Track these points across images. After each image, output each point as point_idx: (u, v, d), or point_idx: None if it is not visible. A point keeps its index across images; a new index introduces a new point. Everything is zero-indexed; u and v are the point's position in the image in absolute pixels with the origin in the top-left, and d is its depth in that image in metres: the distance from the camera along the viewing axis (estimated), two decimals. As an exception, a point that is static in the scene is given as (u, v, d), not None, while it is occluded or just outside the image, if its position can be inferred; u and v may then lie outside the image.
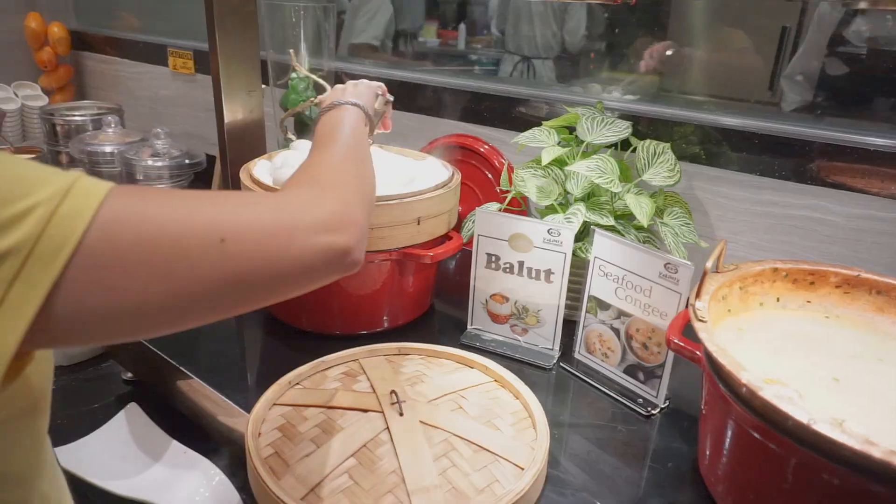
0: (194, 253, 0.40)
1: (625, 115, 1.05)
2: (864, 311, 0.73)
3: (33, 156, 1.48)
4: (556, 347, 0.88)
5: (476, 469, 0.63)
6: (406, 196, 0.84)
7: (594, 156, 0.87)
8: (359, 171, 0.58)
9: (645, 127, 1.05)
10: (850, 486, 0.49)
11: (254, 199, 0.46)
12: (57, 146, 1.72)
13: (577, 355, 0.88)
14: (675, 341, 0.66)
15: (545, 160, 0.88)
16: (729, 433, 0.60)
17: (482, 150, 1.28)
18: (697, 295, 0.65)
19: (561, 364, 0.88)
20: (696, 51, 1.28)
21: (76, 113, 1.75)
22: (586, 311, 0.85)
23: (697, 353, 0.64)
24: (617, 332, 0.82)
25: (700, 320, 0.61)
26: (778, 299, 0.75)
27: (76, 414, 0.96)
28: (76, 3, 2.15)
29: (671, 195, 0.96)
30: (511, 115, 1.23)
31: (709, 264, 0.64)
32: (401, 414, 0.69)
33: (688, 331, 0.66)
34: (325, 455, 0.64)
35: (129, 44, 1.97)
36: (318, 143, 0.64)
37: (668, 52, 1.20)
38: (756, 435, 0.55)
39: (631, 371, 0.81)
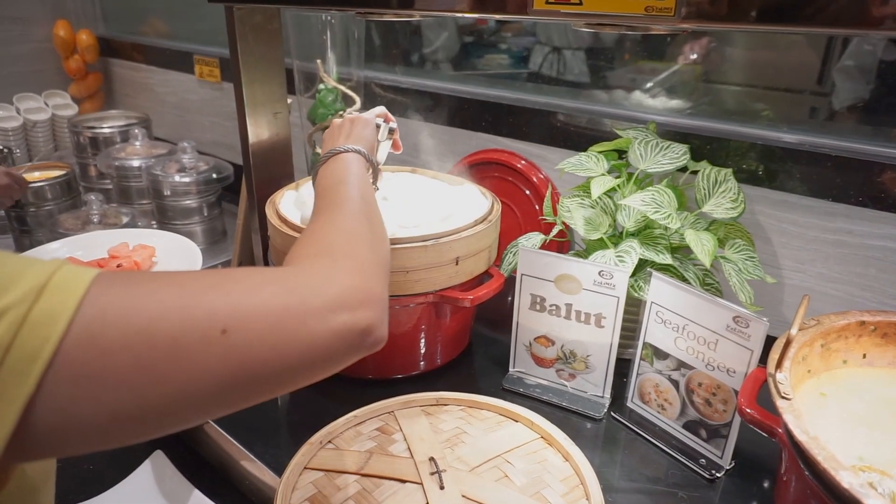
0: (193, 349, 0.35)
1: (677, 132, 0.96)
2: (965, 369, 0.65)
3: (62, 172, 1.45)
4: (607, 395, 0.81)
5: (526, 556, 0.57)
6: (443, 235, 0.77)
7: (649, 188, 0.79)
8: (371, 233, 0.52)
9: (700, 144, 0.96)
10: None
11: (258, 280, 0.40)
12: (86, 159, 1.70)
13: (629, 404, 0.81)
14: (750, 412, 0.58)
15: (595, 192, 0.81)
16: (817, 528, 0.53)
17: (519, 165, 1.20)
18: (778, 365, 0.57)
19: (612, 413, 0.81)
20: (739, 39, 1.18)
21: (104, 125, 1.73)
22: (641, 359, 0.77)
23: (777, 428, 0.56)
24: (676, 384, 0.74)
25: (783, 397, 0.54)
26: (864, 356, 0.66)
27: (102, 458, 0.93)
28: (104, 10, 2.13)
29: (733, 225, 0.88)
30: (550, 128, 1.15)
31: (793, 330, 0.56)
32: (441, 487, 0.63)
33: (761, 396, 0.59)
34: (359, 536, 0.59)
35: (155, 51, 1.93)
36: (321, 202, 0.58)
37: (709, 46, 1.11)
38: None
39: (692, 427, 0.74)
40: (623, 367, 0.82)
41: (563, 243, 1.05)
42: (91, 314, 0.32)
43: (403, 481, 0.65)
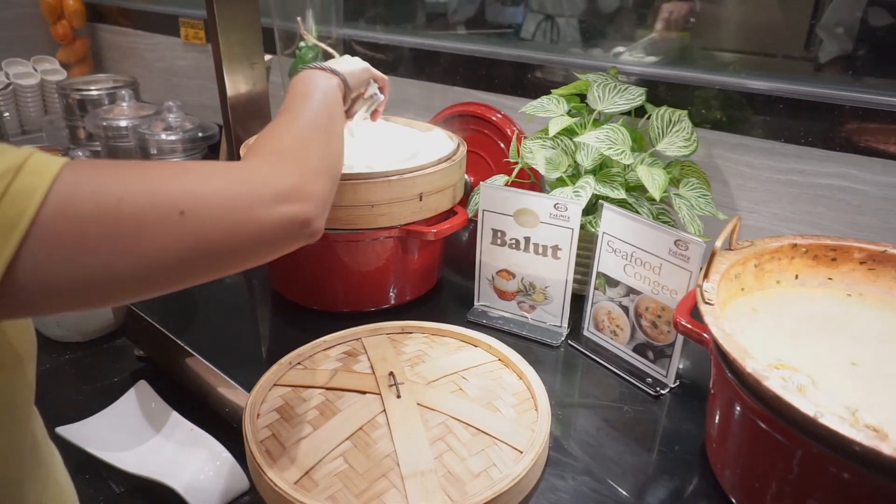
0: (154, 227, 0.40)
1: (643, 80, 1.00)
2: (890, 288, 0.69)
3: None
4: (565, 325, 0.86)
5: (473, 453, 0.62)
6: (407, 172, 0.81)
7: (605, 125, 0.83)
8: (325, 144, 0.56)
9: (664, 92, 1.00)
10: (860, 481, 0.47)
11: (214, 171, 0.45)
12: (75, 121, 1.73)
13: (585, 332, 0.85)
14: (683, 323, 0.63)
15: (552, 131, 0.84)
16: (735, 419, 0.57)
17: (494, 119, 1.24)
18: (706, 275, 0.61)
19: (569, 342, 0.85)
20: (728, 3, 1.20)
21: (92, 87, 1.75)
22: (595, 288, 0.82)
23: (705, 335, 0.61)
24: (626, 309, 0.79)
25: (707, 303, 0.58)
26: (797, 276, 0.71)
27: (90, 389, 0.98)
28: (90, -26, 2.14)
29: (688, 165, 0.91)
30: (524, 81, 1.18)
31: (718, 243, 0.60)
32: (398, 396, 0.68)
33: (697, 311, 0.63)
34: (320, 438, 0.64)
35: (140, 14, 1.95)
36: (287, 105, 0.62)
37: (689, 12, 1.14)
38: (762, 424, 0.52)
39: (640, 350, 0.79)
40: (581, 304, 0.86)
41: (531, 187, 1.08)
42: (64, 191, 0.37)
43: (364, 392, 0.69)
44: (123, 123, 1.57)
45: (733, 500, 0.60)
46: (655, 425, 0.73)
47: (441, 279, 1.01)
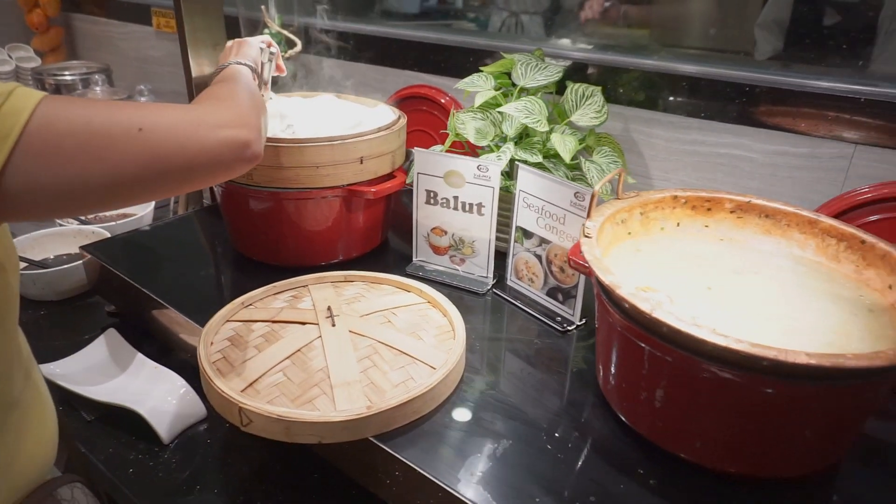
0: (119, 140, 0.51)
1: (577, 63, 1.11)
2: (754, 233, 0.81)
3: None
4: (490, 275, 0.97)
5: (394, 369, 0.73)
6: (349, 137, 0.92)
7: (523, 98, 0.94)
8: (250, 97, 0.68)
9: (598, 74, 1.11)
10: (698, 372, 0.58)
11: (166, 107, 0.56)
12: (49, 104, 1.80)
13: (508, 282, 0.96)
14: (574, 259, 0.74)
15: (478, 102, 0.95)
16: (607, 332, 0.69)
17: (443, 101, 1.34)
18: (588, 215, 0.73)
19: (495, 290, 0.97)
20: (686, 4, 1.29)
21: (66, 72, 1.83)
22: (514, 241, 0.93)
23: (587, 265, 0.72)
24: (539, 258, 0.90)
25: (586, 236, 0.69)
26: (678, 224, 0.82)
27: (65, 344, 1.07)
28: (65, -35, 2.21)
29: (604, 136, 1.03)
30: (467, 65, 1.29)
31: (597, 187, 0.72)
32: (333, 325, 0.79)
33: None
34: (264, 358, 0.74)
35: (114, 4, 2.03)
36: (212, 85, 0.73)
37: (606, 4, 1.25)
38: (619, 328, 0.64)
39: (552, 293, 0.90)
40: (506, 257, 0.97)
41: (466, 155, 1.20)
42: (45, 112, 0.47)
43: (304, 323, 0.80)
44: (97, 106, 1.65)
45: (615, 409, 0.71)
46: (560, 354, 0.84)
47: (387, 240, 1.12)
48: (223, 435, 0.89)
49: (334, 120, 0.98)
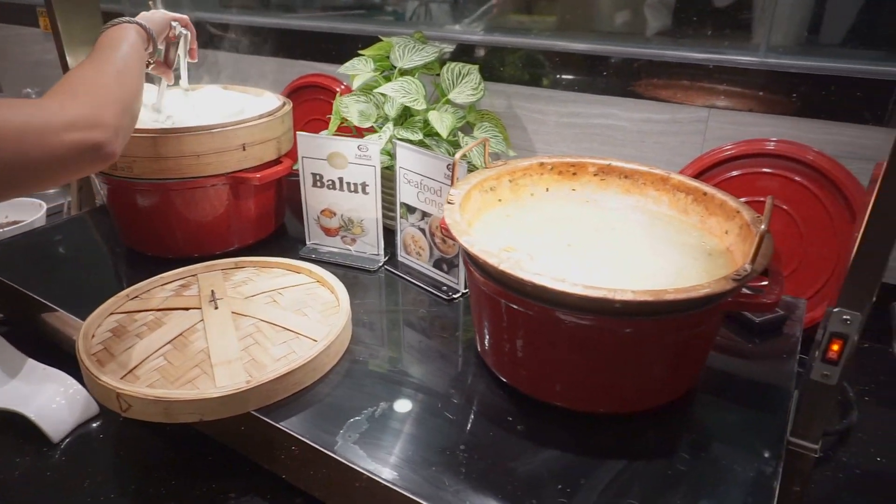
0: None
1: (463, 45, 1.15)
2: (616, 193, 0.86)
3: None
4: (381, 252, 1.00)
5: (276, 344, 0.75)
6: (229, 125, 0.92)
7: (400, 79, 0.97)
8: (117, 80, 0.67)
9: (484, 55, 1.15)
10: (545, 318, 0.62)
11: (12, 106, 0.55)
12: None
13: (399, 257, 0.99)
14: (444, 227, 0.77)
15: (356, 85, 0.98)
16: (474, 293, 0.73)
17: (338, 89, 1.36)
18: (451, 184, 0.76)
19: (387, 267, 0.99)
20: None
21: (-52, 79, 1.74)
22: (400, 217, 0.96)
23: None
24: (423, 231, 0.93)
25: (449, 203, 0.73)
26: (547, 189, 0.87)
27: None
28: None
29: (485, 112, 1.07)
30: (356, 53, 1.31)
31: (457, 157, 0.75)
32: (216, 308, 0.80)
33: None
34: (145, 345, 0.75)
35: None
36: (92, 54, 0.72)
37: None
38: (480, 286, 0.68)
39: (438, 264, 0.94)
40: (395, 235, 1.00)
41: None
42: None
43: (187, 309, 0.81)
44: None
45: (489, 365, 0.76)
46: (445, 321, 0.87)
47: (284, 225, 1.13)
48: (116, 430, 0.88)
49: (216, 109, 0.98)
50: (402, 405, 0.71)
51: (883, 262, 0.54)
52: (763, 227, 0.60)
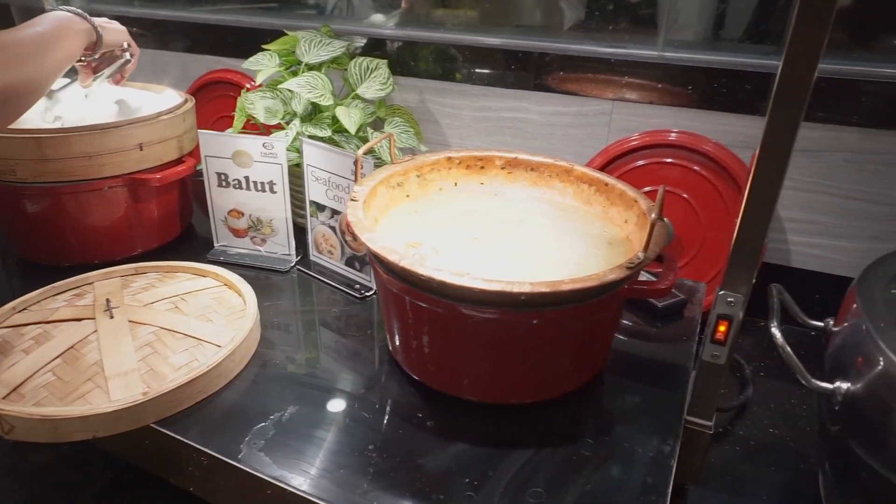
0: None
1: (375, 40, 1.13)
2: (523, 186, 0.88)
3: None
4: (293, 252, 0.97)
5: (177, 353, 0.72)
6: (123, 123, 0.88)
7: (305, 74, 0.95)
8: (32, 55, 0.63)
9: (398, 50, 1.14)
10: (447, 312, 0.62)
11: None
12: None
13: (312, 257, 0.98)
14: (346, 225, 0.76)
15: (259, 80, 0.95)
16: (381, 291, 0.72)
17: (249, 86, 1.32)
18: (356, 180, 0.75)
19: (299, 267, 0.97)
20: None
21: None
22: (310, 215, 0.94)
23: (363, 230, 0.75)
24: (334, 229, 0.92)
25: (352, 200, 0.72)
26: (456, 184, 0.87)
27: None
28: None
29: (397, 108, 1.06)
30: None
31: (359, 152, 0.74)
32: (111, 317, 0.76)
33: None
34: (32, 360, 0.70)
35: None
36: (22, 24, 0.67)
37: None
38: (384, 283, 0.67)
39: (350, 262, 0.92)
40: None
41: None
42: None
43: (80, 319, 0.76)
44: None
45: (399, 361, 0.75)
46: (358, 320, 0.86)
47: (192, 227, 1.09)
48: (7, 450, 0.83)
49: (111, 108, 0.93)
50: (312, 408, 0.69)
51: (759, 245, 0.57)
52: (653, 216, 0.62)
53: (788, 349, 0.60)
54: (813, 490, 0.76)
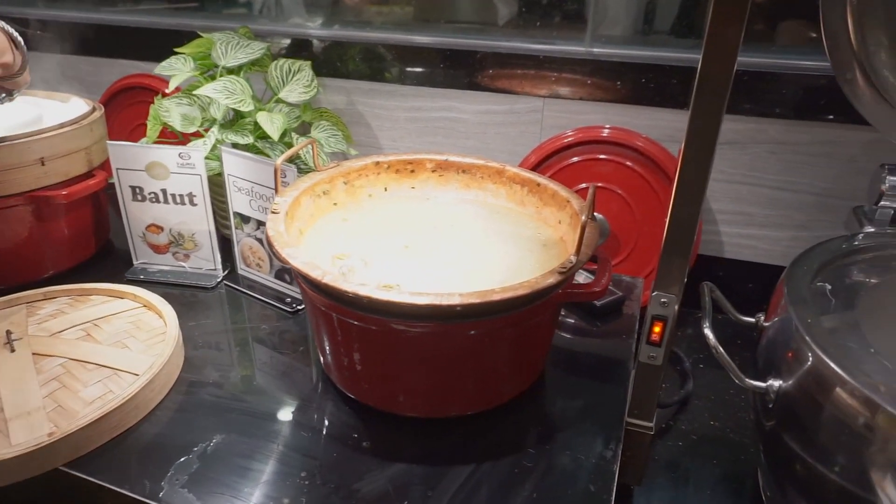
0: None
1: (298, 40, 1.08)
2: (456, 189, 0.85)
3: None
4: (219, 267, 0.92)
5: (89, 385, 0.66)
6: (18, 137, 0.81)
7: (222, 78, 0.90)
8: None
9: (324, 50, 1.09)
10: (375, 328, 0.59)
11: None
12: None
13: (239, 271, 0.93)
14: (267, 240, 0.72)
15: (173, 85, 0.89)
16: (308, 307, 0.68)
17: (167, 91, 1.25)
18: (276, 190, 0.71)
19: (226, 282, 0.92)
20: None
21: None
22: (235, 228, 0.89)
23: (288, 243, 0.71)
24: (261, 241, 0.87)
25: (273, 212, 0.68)
26: (386, 189, 0.84)
27: None
28: None
29: (323, 111, 1.02)
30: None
31: (278, 161, 0.70)
32: (12, 350, 0.69)
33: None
34: (-80, 405, 0.63)
35: None
36: None
37: None
38: (310, 300, 0.64)
39: (280, 275, 0.88)
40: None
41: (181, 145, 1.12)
42: None
43: (-24, 355, 0.70)
44: None
45: (332, 379, 0.72)
46: (289, 336, 0.82)
47: (110, 245, 1.02)
48: None
49: (6, 119, 0.86)
50: (240, 436, 0.65)
51: (689, 244, 0.56)
52: (584, 217, 0.61)
53: (721, 349, 0.60)
54: (754, 482, 0.77)
